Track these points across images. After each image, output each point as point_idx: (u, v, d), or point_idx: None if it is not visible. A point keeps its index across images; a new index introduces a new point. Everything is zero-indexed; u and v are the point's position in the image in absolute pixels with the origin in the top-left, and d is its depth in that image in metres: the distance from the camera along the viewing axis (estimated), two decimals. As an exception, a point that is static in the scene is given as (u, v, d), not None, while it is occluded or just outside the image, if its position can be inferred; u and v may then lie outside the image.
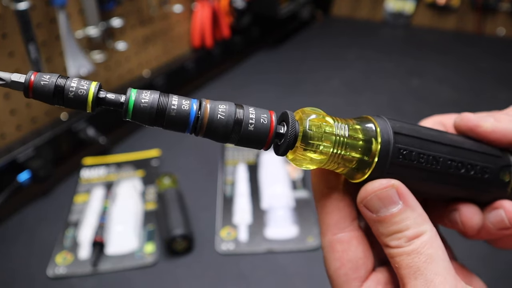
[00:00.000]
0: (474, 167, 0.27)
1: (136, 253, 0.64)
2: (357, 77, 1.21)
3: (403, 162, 0.25)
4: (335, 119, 0.25)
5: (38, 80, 0.22)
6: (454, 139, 0.27)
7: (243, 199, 0.74)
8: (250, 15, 1.20)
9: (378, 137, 0.25)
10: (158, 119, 0.23)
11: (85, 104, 0.22)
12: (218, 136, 0.23)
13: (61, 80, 0.22)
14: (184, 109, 0.23)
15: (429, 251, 0.23)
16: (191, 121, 0.23)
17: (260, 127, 0.23)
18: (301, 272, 0.62)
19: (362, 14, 1.63)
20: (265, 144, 0.24)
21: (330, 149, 0.24)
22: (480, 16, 1.44)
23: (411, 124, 0.27)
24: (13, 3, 0.64)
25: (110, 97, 0.23)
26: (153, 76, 0.98)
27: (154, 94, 0.23)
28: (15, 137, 0.74)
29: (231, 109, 0.23)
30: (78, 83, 0.22)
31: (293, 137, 0.24)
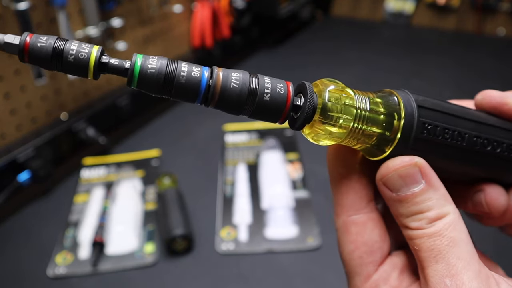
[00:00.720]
0: (501, 145, 0.26)
1: (136, 253, 0.64)
2: (357, 77, 1.21)
3: (427, 137, 0.23)
4: (355, 91, 0.23)
5: (34, 41, 0.20)
6: (478, 115, 0.26)
7: (243, 199, 0.74)
8: (250, 15, 1.20)
9: (402, 111, 0.23)
10: (166, 87, 0.21)
11: (87, 70, 0.20)
12: (231, 106, 0.21)
13: (60, 42, 0.20)
14: (194, 76, 0.21)
15: (452, 234, 0.21)
16: (202, 89, 0.21)
17: (276, 97, 0.21)
18: (301, 272, 0.62)
19: (362, 14, 1.63)
20: (281, 117, 0.22)
21: (350, 123, 0.22)
22: (480, 16, 1.44)
23: (434, 99, 0.25)
24: (13, 3, 0.64)
25: (114, 62, 0.21)
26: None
27: (162, 60, 0.21)
28: (15, 137, 0.74)
29: (245, 77, 0.21)
30: (78, 46, 0.20)
31: (311, 109, 0.22)
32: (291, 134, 0.90)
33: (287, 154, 0.84)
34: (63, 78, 0.79)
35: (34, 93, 0.75)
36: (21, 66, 0.71)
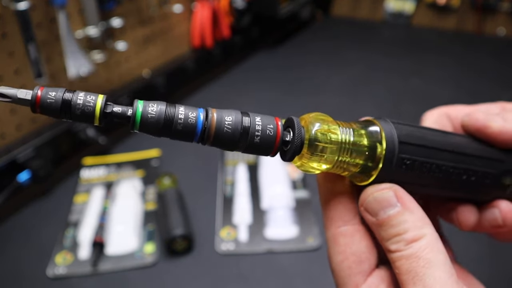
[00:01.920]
0: (476, 173, 0.28)
1: (136, 253, 0.64)
2: (357, 77, 1.21)
3: (405, 171, 0.25)
4: (340, 124, 0.25)
5: (44, 97, 0.22)
6: (458, 144, 0.27)
7: (243, 199, 0.74)
8: (250, 15, 1.20)
9: (383, 144, 0.25)
10: (165, 131, 0.23)
11: (93, 119, 0.22)
12: (225, 146, 0.24)
13: (67, 96, 0.22)
14: (190, 122, 0.23)
15: (429, 256, 0.22)
16: (197, 133, 0.23)
17: (266, 138, 0.24)
18: (301, 272, 0.62)
19: (362, 14, 1.63)
20: (271, 153, 0.24)
21: (335, 156, 0.24)
22: (480, 16, 1.44)
23: (417, 128, 0.27)
24: (13, 3, 0.64)
25: (117, 110, 0.23)
26: (153, 76, 0.98)
27: (160, 106, 0.23)
28: (15, 137, 0.74)
29: (237, 121, 0.24)
30: (84, 98, 0.22)
31: (299, 144, 0.24)
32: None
33: (287, 154, 0.84)
34: (63, 78, 0.79)
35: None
36: (21, 65, 0.71)
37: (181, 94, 1.08)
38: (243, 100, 1.08)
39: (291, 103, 1.06)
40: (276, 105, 1.06)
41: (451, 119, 0.32)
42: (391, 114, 1.02)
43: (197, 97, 1.10)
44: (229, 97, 1.10)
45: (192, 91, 1.11)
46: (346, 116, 0.28)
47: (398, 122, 0.26)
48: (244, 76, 1.21)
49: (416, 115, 1.14)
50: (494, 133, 0.28)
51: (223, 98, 1.09)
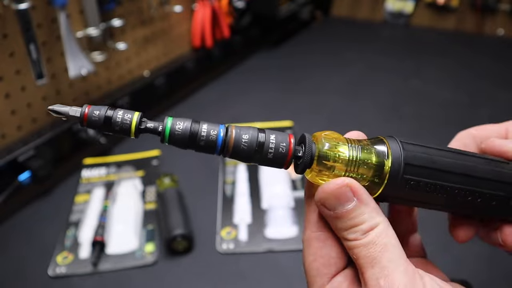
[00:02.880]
0: (482, 195, 0.28)
1: (137, 253, 0.65)
2: (357, 77, 1.21)
3: (409, 190, 0.27)
4: (349, 141, 0.27)
5: (90, 115, 0.26)
6: (467, 165, 0.28)
7: (243, 199, 0.74)
8: (250, 15, 1.20)
9: (388, 166, 0.26)
10: (190, 145, 0.27)
11: (129, 133, 0.27)
12: (242, 160, 0.27)
13: (109, 114, 0.27)
14: (211, 139, 0.27)
15: (384, 240, 0.25)
16: (218, 148, 0.27)
17: (278, 155, 0.27)
18: (301, 272, 0.62)
19: (362, 14, 1.63)
20: (283, 167, 0.27)
21: (343, 171, 0.26)
22: (479, 16, 1.44)
23: (426, 148, 0.27)
24: (14, 3, 0.64)
25: (150, 126, 0.27)
26: (153, 76, 0.98)
27: (186, 123, 0.27)
28: (15, 137, 0.74)
29: (253, 138, 0.27)
30: (123, 116, 0.27)
31: (308, 160, 0.27)
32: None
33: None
34: (63, 79, 0.80)
35: (34, 93, 0.75)
36: (22, 66, 0.71)
37: (181, 94, 1.08)
38: (243, 100, 1.08)
39: (291, 103, 1.07)
40: (276, 105, 1.06)
41: (475, 138, 0.33)
42: (391, 114, 1.02)
43: (197, 97, 1.10)
44: (229, 97, 1.10)
45: (192, 91, 1.11)
46: (346, 116, 0.28)
47: (408, 142, 0.27)
48: (244, 76, 1.21)
49: (416, 115, 1.14)
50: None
51: (223, 98, 1.10)
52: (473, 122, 0.37)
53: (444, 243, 0.56)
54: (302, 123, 0.95)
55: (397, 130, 0.95)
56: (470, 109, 1.03)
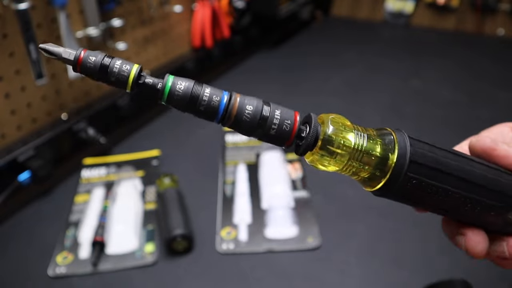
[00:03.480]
0: (480, 204, 0.27)
1: (136, 253, 0.65)
2: (357, 77, 1.21)
3: (410, 188, 0.26)
4: (357, 128, 0.26)
5: (85, 60, 0.24)
6: (472, 173, 0.27)
7: (243, 199, 0.74)
8: (250, 15, 1.20)
9: (392, 160, 0.25)
10: (189, 108, 0.25)
11: (126, 86, 0.24)
12: (242, 131, 0.25)
13: (105, 62, 0.24)
14: (213, 105, 0.25)
15: None
16: (218, 116, 0.25)
17: (281, 131, 0.25)
18: (301, 272, 0.62)
19: (362, 14, 1.63)
20: (284, 145, 0.26)
21: (345, 160, 0.25)
22: (479, 16, 1.44)
23: (434, 148, 0.26)
24: (14, 3, 0.64)
25: (148, 81, 0.25)
26: (153, 76, 0.98)
27: (188, 83, 0.25)
28: (15, 137, 0.74)
29: (257, 110, 0.25)
30: (120, 67, 0.24)
31: (311, 143, 0.25)
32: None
33: (287, 154, 0.84)
34: (63, 79, 0.79)
35: (34, 93, 0.75)
36: (21, 66, 0.71)
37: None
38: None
39: (291, 103, 1.06)
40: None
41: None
42: (391, 114, 1.02)
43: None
44: (229, 97, 1.10)
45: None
46: (346, 116, 0.28)
47: (416, 138, 0.26)
48: (244, 76, 1.21)
49: (416, 115, 1.14)
50: (499, 156, 0.29)
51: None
52: (473, 122, 0.37)
53: (444, 243, 0.55)
54: (302, 123, 0.95)
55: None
56: (470, 109, 1.03)
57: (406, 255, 0.64)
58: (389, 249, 0.65)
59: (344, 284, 0.60)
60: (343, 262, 0.63)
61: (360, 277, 0.61)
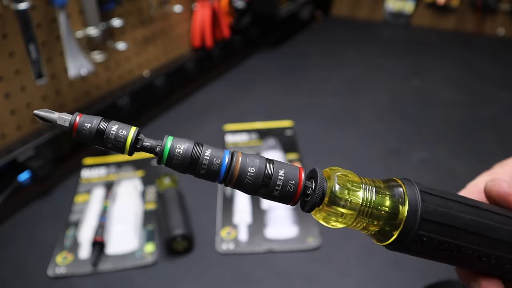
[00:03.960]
0: (498, 258, 0.26)
1: (136, 253, 0.65)
2: (357, 77, 1.21)
3: (421, 245, 0.25)
4: (364, 182, 0.25)
5: (80, 127, 0.24)
6: (488, 226, 0.26)
7: (243, 199, 0.74)
8: (250, 15, 1.20)
9: (402, 216, 0.24)
10: (190, 170, 0.24)
11: (123, 151, 0.24)
12: (245, 192, 0.25)
13: (101, 127, 0.24)
14: (213, 169, 0.24)
15: None
16: (220, 178, 0.24)
17: (285, 192, 0.24)
18: (301, 272, 0.62)
19: (362, 14, 1.63)
20: (290, 204, 0.25)
21: (355, 216, 0.25)
22: (479, 16, 1.44)
23: (445, 200, 0.25)
24: (13, 3, 0.64)
25: (146, 145, 0.24)
26: (153, 76, 0.98)
27: (188, 145, 0.24)
28: (15, 137, 0.74)
29: (259, 172, 0.24)
30: (116, 132, 0.24)
31: (318, 200, 0.25)
32: (291, 134, 0.90)
33: (287, 154, 0.84)
34: (63, 79, 0.79)
35: (34, 93, 0.75)
36: (21, 66, 0.71)
37: (181, 94, 1.08)
38: (243, 100, 1.08)
39: (291, 103, 1.06)
40: (276, 105, 1.06)
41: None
42: (391, 114, 1.02)
43: (197, 97, 1.10)
44: (229, 97, 1.10)
45: (192, 91, 1.11)
46: (346, 116, 0.27)
47: (426, 190, 0.25)
48: (244, 76, 1.21)
49: (416, 115, 1.14)
50: None
51: (223, 98, 1.10)
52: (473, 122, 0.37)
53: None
54: (302, 122, 0.95)
55: (397, 130, 0.95)
56: (470, 109, 1.03)
57: (406, 255, 0.64)
58: (389, 249, 0.65)
59: (344, 284, 0.60)
60: (343, 263, 0.63)
61: (360, 278, 0.61)
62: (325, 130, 0.96)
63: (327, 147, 0.90)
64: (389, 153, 0.87)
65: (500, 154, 0.86)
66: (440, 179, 0.80)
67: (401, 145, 0.90)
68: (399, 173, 0.82)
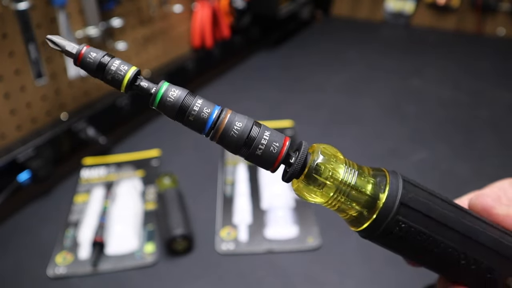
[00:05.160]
0: (477, 263, 0.25)
1: (136, 253, 0.64)
2: (357, 77, 1.21)
3: (397, 233, 0.24)
4: (348, 163, 0.25)
5: (85, 55, 0.25)
6: (471, 228, 0.25)
7: (243, 199, 0.74)
8: (250, 15, 1.20)
9: (382, 200, 0.24)
10: (178, 117, 0.25)
11: (120, 86, 0.25)
12: (228, 148, 0.25)
13: (104, 60, 0.24)
14: (202, 117, 0.24)
15: None
16: (206, 128, 0.25)
17: (268, 154, 0.25)
18: (301, 272, 0.62)
19: (362, 14, 1.63)
20: (271, 168, 0.25)
21: (330, 193, 0.24)
22: (480, 16, 1.44)
23: (429, 194, 0.25)
24: (13, 3, 0.64)
25: (143, 85, 0.25)
26: (153, 76, 0.98)
27: (181, 92, 0.25)
28: (15, 137, 0.74)
29: (246, 128, 0.24)
30: (117, 67, 0.24)
31: (298, 169, 0.25)
32: (291, 134, 0.90)
33: (287, 154, 0.84)
34: (63, 78, 0.79)
35: (34, 93, 0.75)
36: (21, 66, 0.71)
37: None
38: (243, 100, 1.08)
39: (291, 103, 1.06)
40: (276, 105, 1.06)
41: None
42: (391, 114, 1.02)
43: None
44: (229, 97, 1.10)
45: (192, 91, 1.11)
46: (346, 116, 0.28)
47: (411, 181, 0.25)
48: (244, 76, 1.21)
49: (416, 115, 1.14)
50: (499, 216, 0.28)
51: (223, 98, 1.09)
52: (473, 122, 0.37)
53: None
54: (302, 122, 0.95)
55: (397, 130, 0.95)
56: (470, 109, 1.03)
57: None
58: (389, 249, 0.65)
59: (344, 284, 0.60)
60: (343, 263, 0.63)
61: (360, 278, 0.61)
62: (325, 130, 0.96)
63: (327, 147, 0.89)
64: (389, 153, 0.87)
65: (499, 154, 0.87)
66: (439, 179, 0.80)
67: (401, 145, 0.90)
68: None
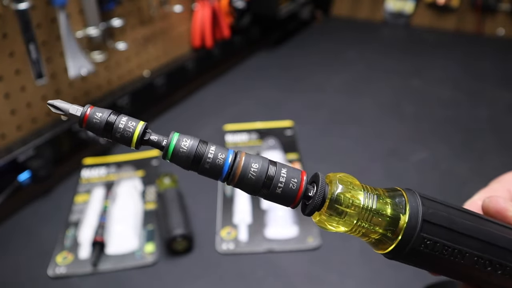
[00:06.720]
0: (504, 268, 0.26)
1: (136, 253, 0.65)
2: (357, 77, 1.21)
3: (424, 250, 0.25)
4: (365, 188, 0.25)
5: (91, 117, 0.24)
6: (490, 233, 0.26)
7: (243, 199, 0.74)
8: (250, 15, 1.20)
9: (404, 220, 0.24)
10: (194, 167, 0.25)
11: (130, 143, 0.25)
12: (248, 191, 0.25)
13: (111, 119, 0.24)
14: (218, 163, 0.24)
15: None
16: (223, 174, 0.25)
17: (287, 191, 0.24)
18: (301, 272, 0.62)
19: (362, 14, 1.63)
20: (291, 205, 0.25)
21: (354, 221, 0.25)
22: (479, 16, 1.44)
23: (446, 207, 0.25)
24: (14, 3, 0.64)
25: (153, 139, 0.25)
26: (153, 76, 0.98)
27: (193, 142, 0.25)
28: (15, 137, 0.74)
29: (262, 169, 0.24)
30: (125, 124, 0.24)
31: (319, 202, 0.24)
32: (291, 134, 0.90)
33: (287, 154, 0.84)
34: (63, 79, 0.79)
35: (34, 93, 0.75)
36: (21, 66, 0.71)
37: (181, 94, 1.08)
38: (243, 100, 1.08)
39: (291, 103, 1.06)
40: (276, 105, 1.06)
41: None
42: (391, 114, 1.02)
43: (197, 97, 1.10)
44: (229, 97, 1.10)
45: (192, 91, 1.11)
46: (346, 116, 0.28)
47: (427, 197, 0.25)
48: (244, 76, 1.21)
49: (416, 115, 1.14)
50: None
51: (223, 98, 1.10)
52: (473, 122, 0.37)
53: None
54: (302, 122, 0.95)
55: (397, 130, 0.95)
56: (470, 109, 1.03)
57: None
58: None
59: (344, 284, 0.60)
60: (343, 262, 0.63)
61: (360, 278, 0.61)
62: (325, 130, 0.96)
63: (327, 147, 0.90)
64: (389, 153, 0.87)
65: (499, 154, 0.87)
66: (440, 179, 0.80)
67: (401, 145, 0.90)
68: (399, 173, 0.82)
